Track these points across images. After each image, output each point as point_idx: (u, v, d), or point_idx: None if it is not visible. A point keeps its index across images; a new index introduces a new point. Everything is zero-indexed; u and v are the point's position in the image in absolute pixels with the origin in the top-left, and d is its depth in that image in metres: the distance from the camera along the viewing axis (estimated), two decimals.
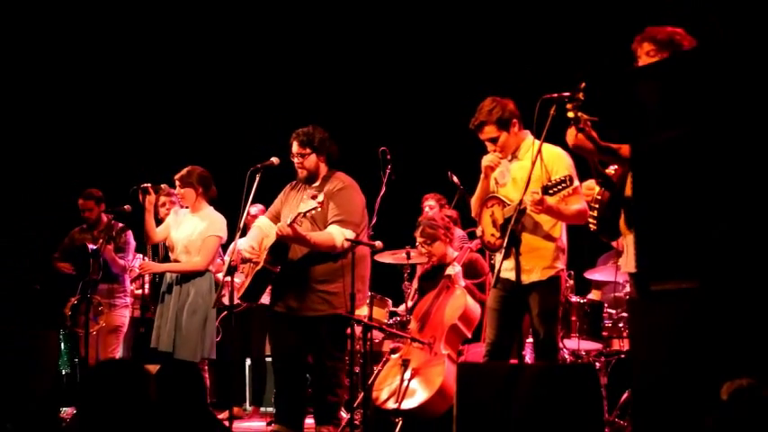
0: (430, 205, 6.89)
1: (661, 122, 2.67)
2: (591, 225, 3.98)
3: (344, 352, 5.24)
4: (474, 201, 4.59)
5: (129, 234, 6.63)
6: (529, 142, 4.43)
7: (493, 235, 4.42)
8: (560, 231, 4.40)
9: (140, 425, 2.65)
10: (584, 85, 3.63)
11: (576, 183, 4.26)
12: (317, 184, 5.19)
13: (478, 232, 4.65)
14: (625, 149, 3.66)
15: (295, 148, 5.19)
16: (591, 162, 3.84)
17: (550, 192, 4.03)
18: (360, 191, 5.20)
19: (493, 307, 4.43)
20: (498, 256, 4.38)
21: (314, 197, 4.81)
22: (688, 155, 2.56)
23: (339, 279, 5.03)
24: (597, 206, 3.89)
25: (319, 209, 4.80)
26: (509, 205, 4.26)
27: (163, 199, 6.36)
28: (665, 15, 3.63)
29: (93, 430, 2.66)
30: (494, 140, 4.41)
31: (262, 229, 5.24)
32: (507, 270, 4.27)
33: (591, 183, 3.93)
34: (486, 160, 4.43)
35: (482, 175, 4.48)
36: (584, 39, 7.04)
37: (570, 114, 3.61)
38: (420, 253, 5.81)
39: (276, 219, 5.24)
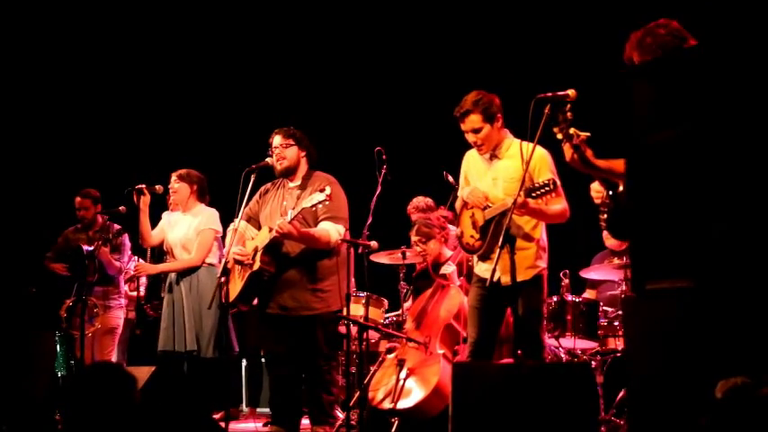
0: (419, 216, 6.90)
1: (655, 122, 2.67)
2: (602, 225, 3.99)
3: (337, 350, 5.25)
4: (458, 209, 4.63)
5: (125, 235, 6.61)
6: (509, 141, 4.44)
7: (472, 237, 4.44)
8: (541, 231, 4.42)
9: (124, 428, 2.65)
10: (569, 106, 3.56)
11: (557, 181, 4.27)
12: (297, 182, 5.19)
13: (457, 233, 4.67)
14: (616, 166, 3.59)
15: (278, 140, 5.21)
16: (597, 174, 3.78)
17: (533, 195, 4.03)
18: (341, 187, 5.21)
19: (473, 305, 4.45)
20: (476, 258, 4.42)
21: (321, 190, 4.81)
22: (683, 154, 2.56)
23: (331, 276, 5.06)
24: (606, 209, 3.86)
25: (327, 202, 4.79)
26: (489, 207, 4.27)
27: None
28: (664, 14, 3.61)
29: None
30: (476, 131, 4.39)
31: (240, 233, 5.22)
32: (486, 270, 4.28)
33: (597, 185, 3.91)
34: (471, 197, 4.44)
35: (461, 203, 4.52)
36: (581, 40, 7.05)
37: (559, 136, 3.52)
38: (415, 252, 5.82)
39: (253, 221, 5.24)
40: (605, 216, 3.84)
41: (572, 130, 3.48)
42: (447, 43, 8.07)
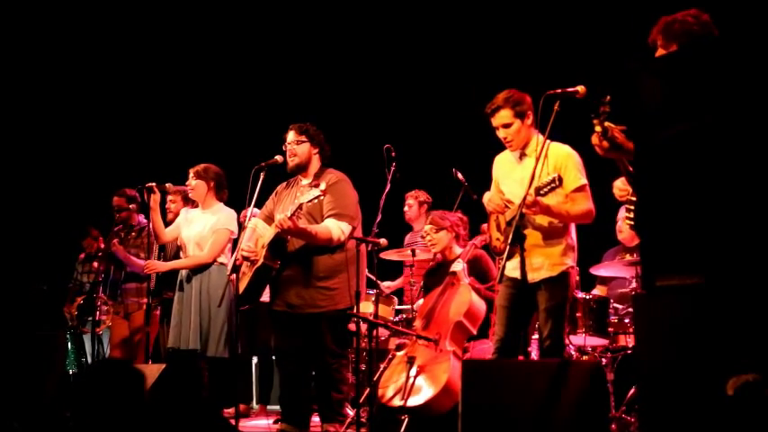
0: (409, 204, 7.00)
1: (666, 117, 2.66)
2: (628, 222, 3.98)
3: (347, 348, 5.24)
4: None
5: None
6: (537, 141, 4.44)
7: (498, 239, 4.49)
8: (568, 229, 4.41)
9: (134, 425, 2.65)
10: (609, 98, 3.56)
11: (584, 181, 4.28)
12: (310, 179, 5.20)
13: (488, 238, 4.74)
14: None
15: (291, 136, 5.22)
16: (619, 162, 3.77)
17: (541, 192, 4.07)
18: (352, 185, 5.21)
19: (501, 304, 4.46)
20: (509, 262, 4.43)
21: (316, 185, 4.80)
22: (693, 150, 2.55)
23: (339, 274, 5.04)
24: (633, 207, 3.83)
25: (322, 197, 4.79)
26: (510, 208, 4.31)
27: (171, 197, 6.35)
28: (673, 9, 3.59)
29: (88, 430, 2.67)
30: (506, 126, 4.41)
31: (255, 231, 5.24)
32: (512, 269, 4.31)
33: (621, 182, 3.88)
34: (490, 204, 4.46)
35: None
36: (587, 38, 7.04)
37: (598, 129, 3.48)
38: (424, 242, 5.85)
39: (269, 220, 5.24)
40: (632, 214, 3.81)
41: (607, 124, 3.46)
42: (456, 41, 8.06)
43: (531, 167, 4.31)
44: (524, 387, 3.37)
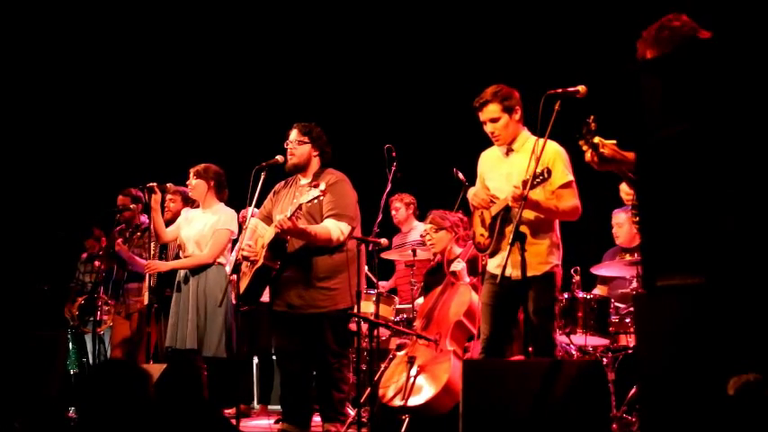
0: (396, 207, 7.04)
1: (665, 118, 2.66)
2: (635, 226, 3.97)
3: (347, 348, 5.24)
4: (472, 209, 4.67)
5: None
6: (525, 136, 4.44)
7: (482, 235, 4.47)
8: (554, 227, 4.41)
9: (140, 425, 2.66)
10: (593, 117, 3.53)
11: (570, 177, 4.28)
12: (308, 179, 5.20)
13: (471, 233, 4.71)
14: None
15: (294, 135, 5.22)
16: (619, 171, 3.74)
17: (530, 186, 4.04)
18: (351, 185, 5.21)
19: (486, 302, 4.45)
20: (492, 258, 4.41)
21: (315, 186, 4.81)
22: (693, 150, 2.55)
23: (339, 274, 5.05)
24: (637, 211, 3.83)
25: (322, 197, 4.79)
26: (495, 203, 4.30)
27: (170, 196, 6.37)
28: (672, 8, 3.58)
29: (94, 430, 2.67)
30: (494, 121, 4.40)
31: (255, 230, 5.25)
32: (497, 267, 4.29)
33: (626, 186, 3.87)
34: (474, 199, 4.46)
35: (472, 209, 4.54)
36: (587, 38, 7.04)
37: (585, 147, 3.47)
38: (423, 241, 5.86)
39: (267, 220, 5.25)
40: (637, 219, 3.79)
41: (596, 139, 3.43)
42: (457, 41, 8.06)
43: (519, 163, 4.32)
44: (526, 387, 3.37)
